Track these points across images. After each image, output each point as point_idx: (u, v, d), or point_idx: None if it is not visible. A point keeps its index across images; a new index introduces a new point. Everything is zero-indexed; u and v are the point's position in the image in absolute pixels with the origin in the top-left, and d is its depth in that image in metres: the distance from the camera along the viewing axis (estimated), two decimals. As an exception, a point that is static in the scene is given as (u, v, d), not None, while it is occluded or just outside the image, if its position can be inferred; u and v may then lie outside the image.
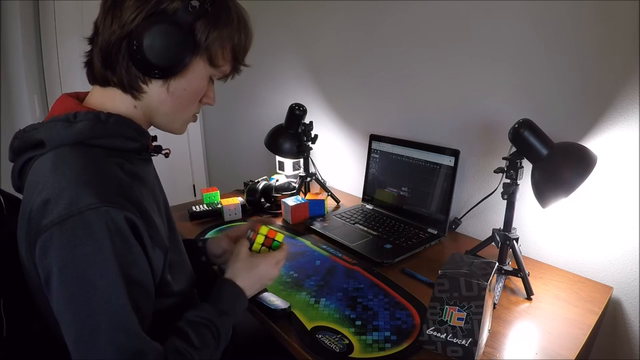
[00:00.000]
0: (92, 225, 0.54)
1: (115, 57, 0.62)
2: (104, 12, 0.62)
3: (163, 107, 0.68)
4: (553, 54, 1.01)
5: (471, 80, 1.20)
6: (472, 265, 0.77)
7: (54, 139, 0.60)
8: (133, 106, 0.67)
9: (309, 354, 0.76)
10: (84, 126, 0.61)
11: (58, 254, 0.54)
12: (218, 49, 0.65)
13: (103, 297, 0.54)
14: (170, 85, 0.65)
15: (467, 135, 1.24)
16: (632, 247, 0.95)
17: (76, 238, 0.53)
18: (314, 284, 0.98)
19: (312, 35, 1.72)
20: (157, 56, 0.60)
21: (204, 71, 0.67)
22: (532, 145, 0.87)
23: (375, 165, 1.44)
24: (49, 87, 2.11)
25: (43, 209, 0.55)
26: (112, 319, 0.55)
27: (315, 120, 1.56)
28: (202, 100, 0.72)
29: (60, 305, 0.55)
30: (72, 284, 0.54)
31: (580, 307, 0.89)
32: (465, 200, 1.28)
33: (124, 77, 0.63)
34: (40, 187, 0.57)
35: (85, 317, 0.54)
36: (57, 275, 0.54)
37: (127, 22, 0.59)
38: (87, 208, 0.54)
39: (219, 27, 0.64)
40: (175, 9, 0.60)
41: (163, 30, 0.59)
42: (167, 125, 0.72)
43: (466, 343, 0.72)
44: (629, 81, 0.89)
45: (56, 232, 0.53)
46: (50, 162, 0.59)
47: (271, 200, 1.46)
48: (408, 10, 1.32)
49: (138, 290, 0.59)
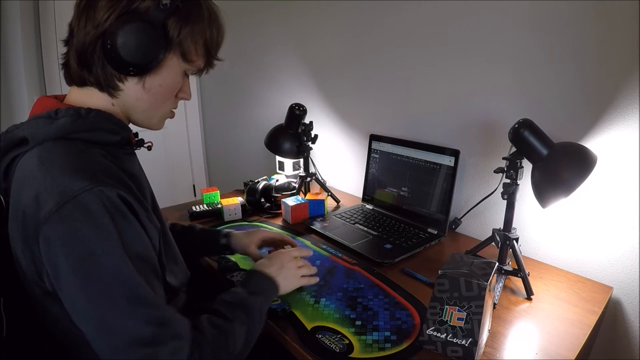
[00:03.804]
0: (89, 206, 0.55)
1: (90, 57, 0.63)
2: (78, 14, 0.63)
3: (140, 103, 0.69)
4: (553, 54, 1.01)
5: (471, 80, 1.20)
6: (472, 265, 0.77)
7: (37, 135, 0.61)
8: (111, 104, 0.68)
9: (309, 354, 0.76)
10: (66, 122, 0.62)
11: (62, 241, 0.54)
12: (190, 44, 0.67)
13: (113, 273, 0.55)
14: (146, 82, 0.67)
15: (467, 135, 1.24)
16: (632, 247, 0.95)
17: (76, 221, 0.54)
18: (314, 283, 0.98)
19: (313, 35, 1.72)
20: (130, 54, 0.61)
21: (177, 67, 0.68)
22: (532, 145, 0.87)
23: (375, 165, 1.44)
24: (49, 87, 2.11)
25: (37, 202, 0.56)
26: (127, 293, 0.55)
27: (315, 120, 1.56)
28: (177, 95, 0.74)
29: (72, 293, 0.55)
30: (81, 268, 0.54)
31: (580, 307, 0.89)
32: (465, 200, 1.28)
33: (100, 76, 0.65)
34: (30, 182, 0.58)
35: (101, 297, 0.54)
36: (64, 262, 0.54)
37: (101, 22, 0.61)
38: (81, 191, 0.55)
39: (190, 23, 0.65)
40: (146, 7, 0.61)
41: (135, 29, 0.60)
42: (145, 122, 0.73)
43: (466, 343, 0.72)
44: (629, 81, 0.89)
45: (55, 221, 0.54)
46: (36, 157, 0.60)
47: (271, 200, 1.46)
48: (408, 11, 1.32)
49: (144, 263, 0.60)
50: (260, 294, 0.75)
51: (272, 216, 1.41)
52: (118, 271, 0.55)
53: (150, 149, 0.80)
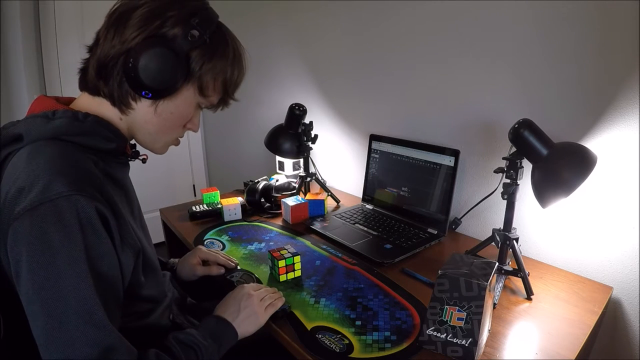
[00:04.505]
0: (63, 213, 0.54)
1: (110, 70, 0.63)
2: (107, 25, 0.64)
3: (148, 125, 0.70)
4: (553, 54, 1.01)
5: (471, 80, 1.20)
6: (472, 265, 0.77)
7: (31, 133, 0.62)
8: (119, 118, 0.69)
9: (309, 354, 0.76)
10: (62, 123, 0.62)
11: (28, 240, 0.54)
12: (210, 79, 0.68)
13: (71, 285, 0.54)
14: (159, 106, 0.67)
15: (467, 135, 1.24)
16: (632, 247, 0.95)
17: (46, 225, 0.54)
18: (314, 284, 0.98)
19: (313, 35, 1.72)
20: (149, 77, 0.62)
21: (192, 98, 0.69)
22: (532, 145, 0.87)
23: (375, 165, 1.44)
24: (49, 87, 2.10)
25: (17, 197, 0.56)
26: (80, 309, 0.54)
27: (315, 120, 1.56)
28: (186, 126, 0.74)
29: (28, 295, 0.54)
30: (41, 272, 0.53)
31: (580, 307, 0.89)
32: (465, 200, 1.28)
33: (115, 90, 0.65)
34: (15, 177, 0.58)
35: (54, 306, 0.53)
36: (26, 262, 0.54)
37: (128, 40, 0.61)
38: (59, 196, 0.54)
39: (214, 59, 0.67)
40: (174, 35, 0.62)
41: (159, 53, 0.61)
42: (148, 144, 0.74)
43: (466, 343, 0.72)
44: (629, 81, 0.89)
45: (27, 219, 0.54)
46: (25, 154, 0.60)
47: (271, 200, 1.46)
48: (408, 11, 1.32)
49: (105, 284, 0.58)
50: (215, 340, 0.72)
51: (272, 216, 1.41)
52: (76, 285, 0.54)
53: (145, 162, 0.79)
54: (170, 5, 0.63)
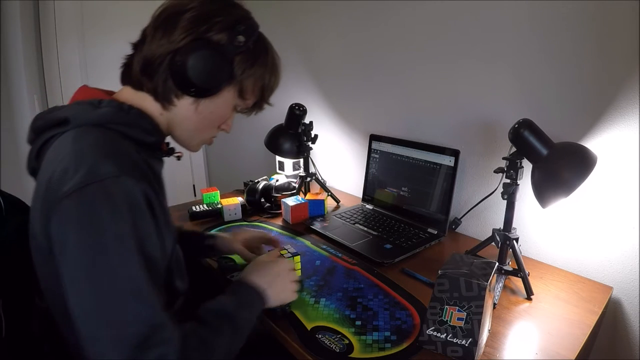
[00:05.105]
0: (111, 193, 0.55)
1: (156, 67, 0.66)
2: (155, 25, 0.67)
3: (186, 123, 0.72)
4: (553, 54, 1.01)
5: (471, 80, 1.20)
6: (472, 265, 0.77)
7: (78, 118, 0.64)
8: (159, 114, 0.71)
9: (309, 354, 0.76)
10: (107, 112, 0.65)
11: (76, 219, 0.54)
12: (249, 84, 0.72)
13: (120, 263, 0.55)
14: (200, 104, 0.70)
15: (467, 135, 1.24)
16: (632, 247, 0.95)
17: (96, 205, 0.54)
18: (314, 284, 0.98)
19: (313, 35, 1.72)
20: (197, 76, 0.65)
21: (231, 100, 0.73)
22: (532, 145, 0.87)
23: (375, 165, 1.44)
24: (49, 87, 2.11)
25: (63, 177, 0.56)
26: (130, 287, 0.55)
27: (315, 120, 1.56)
28: (220, 126, 0.78)
29: (75, 273, 0.54)
30: (90, 250, 0.54)
31: (580, 307, 0.89)
32: (465, 200, 1.28)
33: (159, 86, 0.68)
34: (61, 158, 0.59)
35: (103, 284, 0.54)
36: (74, 241, 0.54)
37: (176, 40, 0.65)
38: (107, 176, 0.56)
39: (255, 65, 0.71)
40: (219, 39, 0.66)
41: (208, 55, 0.65)
42: (185, 141, 0.77)
43: (466, 343, 0.72)
44: (629, 81, 0.89)
45: (75, 199, 0.54)
46: (71, 137, 0.62)
47: (271, 200, 1.46)
48: (409, 11, 1.32)
49: (150, 265, 0.59)
50: (246, 308, 0.73)
51: (272, 216, 1.41)
52: (126, 262, 0.55)
53: (180, 159, 0.82)
54: (218, 12, 0.67)
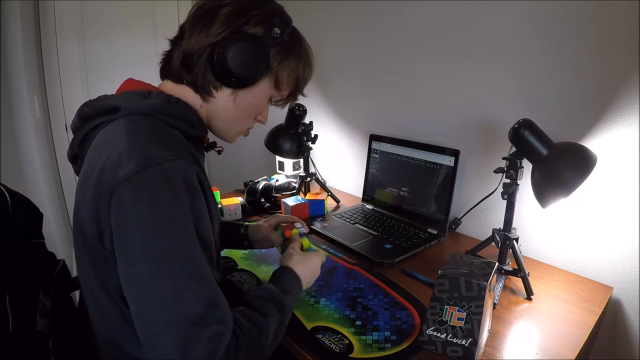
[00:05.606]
0: (170, 175, 0.57)
1: (196, 61, 0.68)
2: (193, 20, 0.69)
3: (225, 114, 0.74)
4: (553, 54, 1.01)
5: (471, 80, 1.20)
6: (472, 265, 0.77)
7: (128, 107, 0.65)
8: (199, 105, 0.73)
9: (309, 354, 0.76)
10: (156, 102, 0.67)
11: (137, 201, 0.55)
12: (284, 75, 0.74)
13: (180, 242, 0.56)
14: (238, 95, 0.72)
15: (467, 135, 1.24)
16: (632, 247, 0.95)
17: (155, 186, 0.56)
18: (314, 284, 0.98)
19: (313, 35, 1.71)
20: (236, 67, 0.67)
21: (267, 91, 0.75)
22: (532, 145, 0.87)
23: (375, 165, 1.44)
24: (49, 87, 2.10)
25: (118, 162, 0.57)
26: (188, 266, 0.56)
27: (315, 120, 1.56)
28: (256, 117, 0.80)
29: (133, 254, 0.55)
30: (150, 230, 0.55)
31: (580, 307, 0.89)
32: (465, 200, 1.28)
33: (198, 79, 0.70)
34: (113, 144, 0.60)
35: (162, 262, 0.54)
36: (134, 222, 0.55)
37: (214, 34, 0.67)
38: (164, 159, 0.57)
39: (290, 56, 0.73)
40: (256, 32, 0.68)
41: (247, 47, 0.67)
42: (223, 132, 0.78)
43: (466, 343, 0.72)
44: (629, 81, 0.89)
45: (135, 181, 0.55)
46: (123, 124, 0.63)
47: (271, 200, 1.46)
48: (409, 12, 1.32)
49: (205, 247, 0.61)
50: (290, 293, 0.77)
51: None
52: (184, 242, 0.56)
53: (220, 153, 0.84)
54: (254, 6, 0.69)
